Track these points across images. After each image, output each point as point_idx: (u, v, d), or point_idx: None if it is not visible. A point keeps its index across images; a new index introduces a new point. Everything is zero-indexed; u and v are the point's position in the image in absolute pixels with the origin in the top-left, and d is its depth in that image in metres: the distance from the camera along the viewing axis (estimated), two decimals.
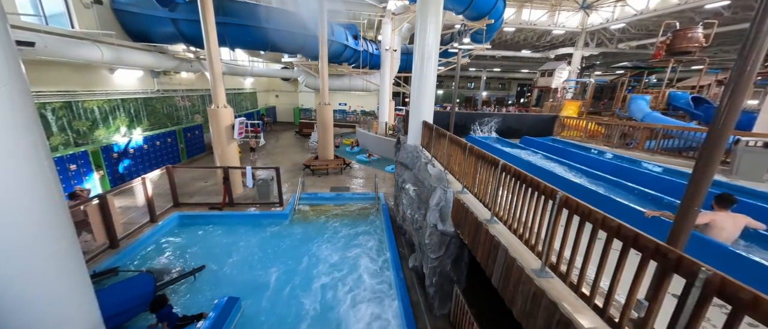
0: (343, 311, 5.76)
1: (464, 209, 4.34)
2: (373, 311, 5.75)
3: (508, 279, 3.09)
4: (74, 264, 2.89)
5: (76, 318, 2.92)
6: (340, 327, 5.38)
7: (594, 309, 2.21)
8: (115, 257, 6.66)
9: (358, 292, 6.27)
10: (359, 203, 10.73)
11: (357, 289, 6.38)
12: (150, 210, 8.18)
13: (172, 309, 4.84)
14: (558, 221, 2.57)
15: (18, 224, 2.42)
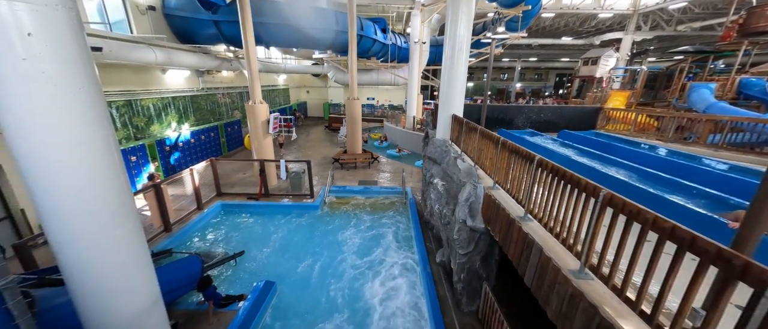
0: (369, 298, 5.92)
1: (495, 205, 4.22)
2: (400, 301, 5.85)
3: (543, 278, 2.97)
4: (138, 244, 3.29)
5: (141, 291, 3.34)
6: (367, 313, 5.55)
7: (640, 315, 2.06)
8: (169, 240, 7.43)
9: (384, 281, 6.40)
10: (387, 196, 10.83)
11: (383, 278, 6.51)
12: (197, 198, 8.97)
13: (216, 289, 5.32)
14: (601, 220, 2.42)
15: (98, 210, 2.80)
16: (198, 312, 5.23)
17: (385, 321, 5.44)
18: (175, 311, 5.16)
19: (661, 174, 5.47)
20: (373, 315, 5.58)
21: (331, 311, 5.67)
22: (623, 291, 2.20)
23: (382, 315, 5.57)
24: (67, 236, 2.75)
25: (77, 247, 2.81)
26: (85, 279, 2.93)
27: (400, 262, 7.12)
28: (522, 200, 3.76)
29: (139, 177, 10.11)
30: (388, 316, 5.54)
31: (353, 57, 12.99)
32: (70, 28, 2.41)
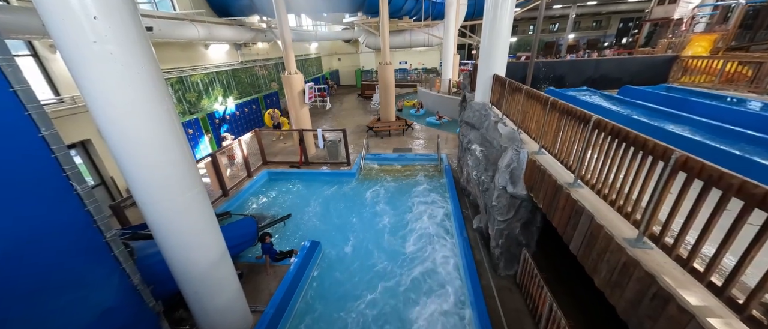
0: (406, 260, 6.23)
1: (541, 171, 3.97)
2: (435, 262, 6.06)
3: (592, 247, 2.82)
4: (205, 205, 3.76)
5: (211, 246, 3.88)
6: (404, 275, 5.87)
7: (708, 286, 1.88)
8: (227, 203, 8.36)
9: (419, 243, 6.63)
10: (422, 163, 10.79)
11: (419, 241, 6.75)
12: (247, 167, 9.81)
13: (272, 245, 5.98)
14: (669, 186, 2.15)
15: (169, 176, 3.21)
16: (257, 264, 5.99)
17: (422, 279, 5.72)
18: (239, 263, 5.95)
19: (753, 133, 4.62)
20: (408, 273, 5.89)
21: (369, 267, 6.10)
22: (690, 261, 2.01)
23: (418, 273, 5.86)
24: (149, 197, 3.22)
25: (158, 208, 3.30)
26: (168, 234, 3.46)
27: (435, 227, 7.26)
28: (572, 165, 3.48)
29: (197, 148, 11.26)
30: (424, 275, 5.81)
31: (385, 16, 12.30)
32: (127, 9, 2.59)
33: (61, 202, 2.66)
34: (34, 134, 2.43)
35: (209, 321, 4.04)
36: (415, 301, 5.28)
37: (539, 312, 4.28)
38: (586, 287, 4.36)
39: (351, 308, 5.22)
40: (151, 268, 3.81)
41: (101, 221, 2.95)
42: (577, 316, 4.19)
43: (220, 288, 4.01)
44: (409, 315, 5.03)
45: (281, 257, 6.00)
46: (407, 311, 5.11)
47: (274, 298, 4.97)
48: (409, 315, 5.04)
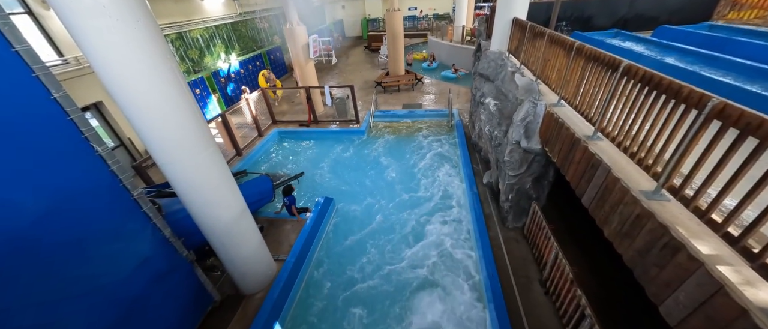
0: (416, 213, 6.46)
1: (558, 124, 3.81)
2: (444, 219, 6.28)
3: (605, 199, 2.80)
4: (221, 164, 3.87)
5: (231, 203, 4.09)
6: (415, 229, 6.14)
7: (724, 236, 1.88)
8: (241, 163, 8.60)
9: (429, 199, 6.81)
10: (432, 119, 10.55)
11: (429, 196, 6.92)
12: (257, 126, 9.86)
13: (294, 199, 6.27)
14: (699, 136, 2.03)
15: (183, 136, 3.25)
16: (276, 219, 6.35)
17: (430, 232, 5.99)
18: (259, 218, 6.32)
19: None
20: (418, 227, 6.15)
21: (381, 221, 6.39)
22: (708, 212, 1.97)
23: (427, 227, 6.11)
24: (167, 158, 3.32)
25: (177, 167, 3.41)
26: (190, 192, 3.64)
27: (445, 183, 7.35)
28: (593, 117, 3.30)
29: (206, 109, 11.26)
30: (433, 227, 6.06)
31: None
32: None
33: (86, 164, 2.77)
34: (45, 97, 2.44)
35: (238, 268, 4.44)
36: (427, 255, 5.59)
37: (544, 260, 4.48)
38: (592, 238, 4.47)
39: (363, 258, 5.60)
40: (179, 223, 4.09)
41: (126, 180, 3.10)
42: (581, 264, 4.37)
43: (244, 240, 4.32)
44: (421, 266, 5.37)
45: (299, 211, 6.32)
46: (418, 262, 5.45)
47: (294, 248, 5.36)
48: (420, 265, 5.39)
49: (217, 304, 4.54)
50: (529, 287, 4.54)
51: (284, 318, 4.53)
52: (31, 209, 2.39)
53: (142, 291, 3.36)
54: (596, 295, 3.70)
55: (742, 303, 1.58)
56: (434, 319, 4.46)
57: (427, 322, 4.44)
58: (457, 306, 4.57)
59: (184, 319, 4.05)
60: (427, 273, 5.19)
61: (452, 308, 4.56)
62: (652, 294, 2.23)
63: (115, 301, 3.10)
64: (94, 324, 2.92)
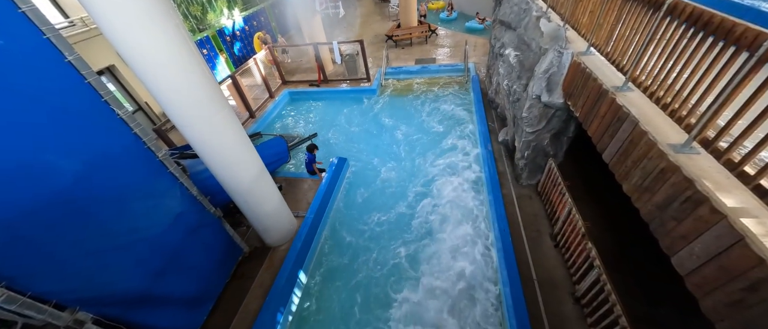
0: (429, 171, 6.52)
1: (584, 75, 3.54)
2: (458, 174, 6.31)
3: (628, 154, 2.70)
4: (236, 126, 3.93)
5: (249, 163, 4.24)
6: (427, 186, 6.24)
7: (755, 189, 1.81)
8: (255, 125, 8.70)
9: (442, 157, 6.80)
10: (447, 75, 10.06)
11: (442, 154, 6.90)
12: (267, 87, 9.74)
13: (314, 157, 6.42)
14: (745, 82, 1.84)
15: (197, 99, 3.27)
16: (294, 179, 6.59)
17: (443, 188, 6.08)
18: (277, 178, 6.58)
19: None
20: (431, 185, 6.25)
21: (394, 179, 6.51)
22: (741, 164, 1.88)
23: (440, 184, 6.20)
24: (184, 120, 3.39)
25: (195, 129, 3.50)
26: (210, 153, 3.78)
27: (459, 141, 7.25)
28: (625, 65, 3.03)
29: (214, 70, 11.11)
30: (446, 185, 6.14)
31: None
32: None
33: (110, 127, 2.87)
34: (60, 59, 2.45)
35: (261, 223, 4.76)
36: (438, 210, 5.75)
37: (557, 216, 4.53)
38: (607, 194, 4.42)
39: (376, 213, 5.84)
40: (204, 183, 4.32)
41: (150, 142, 3.23)
42: (593, 219, 4.40)
43: (264, 197, 4.56)
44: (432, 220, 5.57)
45: (316, 170, 6.53)
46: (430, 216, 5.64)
47: (312, 205, 5.64)
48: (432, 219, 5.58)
49: (246, 255, 4.98)
50: (539, 240, 4.67)
51: (307, 267, 4.95)
52: (68, 170, 2.57)
53: (179, 243, 3.70)
54: (606, 248, 3.77)
55: (762, 253, 1.57)
56: (446, 264, 4.75)
57: (439, 266, 4.74)
58: (468, 256, 4.81)
59: (220, 267, 4.50)
60: (438, 226, 5.39)
61: (462, 255, 4.81)
62: (666, 246, 2.25)
63: (159, 251, 3.46)
64: (144, 269, 3.31)
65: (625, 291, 3.25)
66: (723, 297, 1.79)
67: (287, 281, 4.49)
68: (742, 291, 1.68)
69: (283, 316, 4.26)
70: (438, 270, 4.74)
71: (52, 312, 2.47)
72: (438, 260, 4.89)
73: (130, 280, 3.20)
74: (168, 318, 3.62)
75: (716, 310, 1.83)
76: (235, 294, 4.52)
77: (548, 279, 4.16)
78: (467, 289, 4.42)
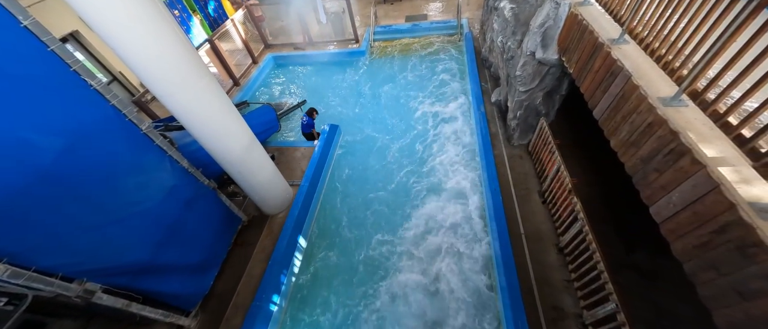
0: (422, 135, 6.52)
1: (581, 27, 3.41)
2: (450, 136, 6.34)
3: (618, 110, 2.72)
4: (220, 94, 3.75)
5: (238, 133, 4.13)
6: (420, 150, 6.28)
7: (735, 138, 1.87)
8: (241, 93, 8.34)
9: (435, 119, 6.77)
10: (439, 33, 9.59)
11: (435, 116, 6.85)
12: (249, 52, 9.17)
13: (313, 123, 6.38)
14: (742, 29, 1.81)
15: (175, 65, 3.06)
16: (286, 148, 6.52)
17: (436, 150, 6.14)
18: (269, 147, 6.50)
19: None
20: (424, 148, 6.28)
21: (386, 144, 6.52)
22: (726, 115, 1.92)
23: (434, 147, 6.24)
24: (164, 90, 3.21)
25: (177, 99, 3.34)
26: (195, 124, 3.65)
27: (451, 103, 7.15)
28: (623, 16, 2.92)
29: (189, 34, 10.31)
30: (439, 147, 6.19)
31: None
32: None
33: (85, 100, 2.71)
34: (14, 24, 2.22)
35: (257, 193, 4.80)
36: (431, 172, 5.85)
37: (546, 174, 4.68)
38: (594, 151, 4.54)
39: (369, 178, 5.92)
40: (194, 154, 4.24)
41: (131, 114, 3.09)
42: (580, 176, 4.56)
43: (258, 168, 4.54)
44: (425, 181, 5.69)
45: (311, 137, 6.46)
46: (423, 179, 5.76)
47: (306, 174, 5.67)
48: (425, 181, 5.70)
49: (245, 224, 5.09)
50: (528, 198, 4.87)
51: (306, 232, 5.12)
52: (47, 147, 2.47)
53: (177, 214, 3.74)
54: (590, 202, 3.97)
55: (732, 198, 1.68)
56: (437, 222, 4.98)
57: (432, 224, 4.97)
58: (459, 216, 5.02)
59: (221, 236, 4.62)
60: (431, 186, 5.54)
61: (454, 215, 5.02)
62: (646, 197, 2.38)
63: (157, 223, 3.49)
64: (145, 241, 3.37)
65: (605, 241, 3.49)
66: (693, 240, 1.94)
67: (288, 246, 4.67)
68: (710, 234, 1.82)
69: (287, 278, 4.50)
70: (433, 227, 4.97)
71: (59, 284, 2.55)
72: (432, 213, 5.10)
73: (132, 252, 3.27)
74: (176, 285, 3.79)
75: (685, 252, 2.00)
76: (239, 260, 4.71)
77: (535, 233, 4.42)
78: (459, 243, 4.68)
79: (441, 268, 4.47)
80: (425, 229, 5.00)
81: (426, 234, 4.93)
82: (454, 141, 6.29)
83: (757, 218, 1.59)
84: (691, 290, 1.99)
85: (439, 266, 4.51)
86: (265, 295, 4.18)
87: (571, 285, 3.80)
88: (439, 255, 4.63)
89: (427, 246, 4.76)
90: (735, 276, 1.69)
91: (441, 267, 4.48)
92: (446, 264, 4.51)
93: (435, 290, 4.32)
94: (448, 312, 4.09)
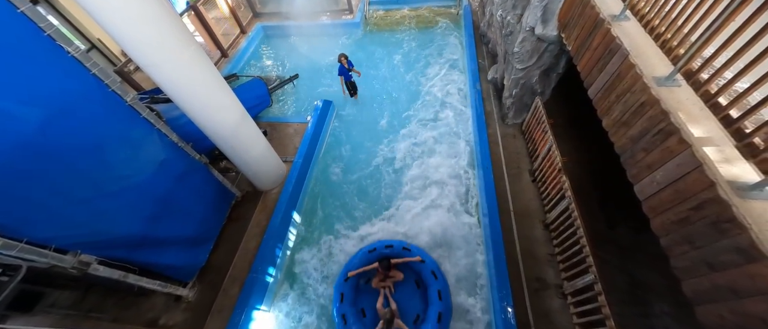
0: (417, 113, 6.47)
1: (583, 2, 3.32)
2: (445, 118, 6.30)
3: (613, 89, 2.73)
4: (208, 65, 3.57)
5: (228, 106, 4.00)
6: (414, 128, 6.25)
7: (722, 119, 1.92)
8: (230, 65, 8.00)
9: (430, 95, 6.69)
10: (437, 5, 9.19)
11: (429, 93, 6.77)
12: (237, 21, 8.68)
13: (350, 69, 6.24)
14: (740, 9, 1.79)
15: (158, 34, 2.88)
16: (278, 123, 6.40)
17: (429, 128, 6.12)
18: (260, 123, 6.35)
19: None
20: (418, 126, 6.25)
21: (381, 123, 6.45)
22: (716, 95, 1.95)
23: (428, 125, 6.21)
24: (147, 59, 3.05)
25: (162, 69, 3.18)
26: (183, 97, 3.52)
27: (447, 79, 7.03)
28: None
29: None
30: (434, 125, 6.17)
31: None
32: None
33: (62, 67, 2.57)
34: None
35: (250, 168, 4.77)
36: (425, 151, 5.86)
37: (538, 153, 4.75)
38: (586, 131, 4.59)
39: (362, 157, 5.92)
40: (183, 128, 4.12)
41: (114, 85, 2.95)
42: (570, 155, 4.65)
43: (250, 143, 4.47)
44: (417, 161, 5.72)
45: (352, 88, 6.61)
46: (417, 157, 5.78)
47: (300, 150, 5.62)
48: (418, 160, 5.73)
49: (239, 199, 5.10)
50: (519, 176, 4.97)
51: (300, 208, 5.18)
52: (25, 117, 2.36)
53: (169, 188, 3.71)
54: (578, 181, 4.08)
55: (713, 177, 1.74)
56: (430, 201, 5.07)
57: (422, 206, 5.06)
58: (452, 197, 5.12)
59: (215, 210, 4.63)
60: (424, 170, 5.57)
61: (446, 196, 5.12)
62: (632, 175, 2.45)
63: (150, 197, 3.47)
64: (139, 215, 3.37)
65: (590, 217, 3.64)
66: (672, 216, 2.04)
67: (282, 220, 4.73)
68: (688, 211, 1.91)
69: (281, 251, 4.60)
70: (424, 205, 5.06)
71: (54, 256, 2.56)
72: (421, 194, 5.18)
73: (126, 225, 3.27)
74: (172, 257, 3.84)
75: (664, 227, 2.11)
76: (234, 234, 4.77)
77: (523, 210, 4.57)
78: (450, 218, 4.81)
79: (433, 236, 4.59)
80: (412, 194, 5.07)
81: (413, 199, 5.02)
82: (449, 118, 6.25)
83: (733, 196, 1.66)
84: (664, 262, 2.12)
85: (427, 237, 4.63)
86: (261, 267, 4.29)
87: (554, 258, 4.00)
88: (428, 229, 4.72)
89: (416, 215, 4.87)
90: (707, 249, 1.80)
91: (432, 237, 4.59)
92: (435, 233, 4.61)
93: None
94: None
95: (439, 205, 4.99)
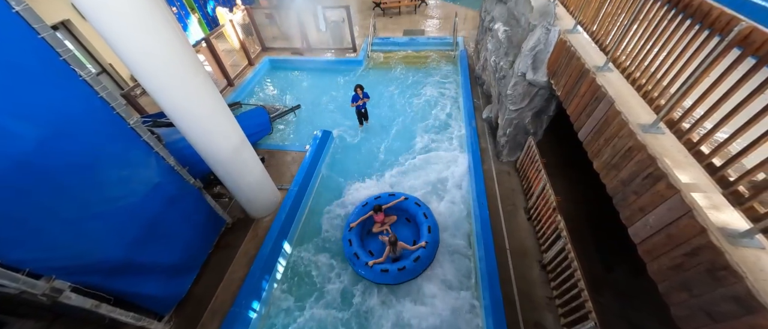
0: (414, 147, 6.59)
1: (569, 54, 3.59)
2: (440, 153, 6.43)
3: (601, 133, 2.85)
4: (214, 93, 3.72)
5: (229, 132, 4.08)
6: (411, 163, 6.33)
7: (706, 166, 1.99)
8: (234, 94, 8.27)
9: (428, 132, 6.86)
10: (435, 48, 9.84)
11: (427, 130, 6.95)
12: (246, 53, 9.16)
13: (363, 98, 6.48)
14: (714, 65, 1.95)
15: (169, 59, 3.04)
16: (277, 151, 6.45)
17: (427, 164, 6.19)
18: (259, 149, 6.41)
19: None
20: (415, 161, 6.34)
21: (378, 155, 6.54)
22: (699, 144, 2.05)
23: (424, 160, 6.30)
24: (156, 85, 3.17)
25: (169, 94, 3.29)
26: (186, 121, 3.59)
27: (444, 118, 7.29)
28: (608, 45, 3.10)
29: (186, 31, 10.24)
30: (430, 160, 6.25)
31: None
32: None
33: (72, 90, 2.65)
34: (5, 8, 2.17)
35: (244, 194, 4.71)
36: (421, 184, 5.88)
37: (532, 191, 4.79)
38: (578, 172, 4.70)
39: (360, 188, 5.90)
40: (181, 152, 4.15)
41: (119, 108, 3.02)
42: (565, 195, 4.70)
43: (247, 169, 4.47)
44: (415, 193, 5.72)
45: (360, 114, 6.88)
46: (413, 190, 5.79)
47: (296, 178, 5.61)
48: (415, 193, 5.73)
49: (229, 226, 4.97)
50: (514, 213, 4.96)
51: (291, 238, 5.03)
52: (28, 135, 2.38)
53: (158, 213, 3.62)
54: (573, 221, 4.08)
55: (703, 223, 1.77)
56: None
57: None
58: (449, 228, 5.04)
59: (202, 237, 4.48)
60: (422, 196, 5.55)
61: (444, 228, 5.04)
62: (626, 217, 2.47)
63: (137, 220, 3.37)
64: (123, 239, 3.24)
65: (586, 259, 3.58)
66: (667, 261, 2.02)
67: (272, 250, 4.56)
68: (683, 256, 1.90)
69: (268, 284, 4.38)
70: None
71: (26, 281, 2.40)
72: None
73: (108, 249, 3.13)
74: (150, 286, 3.63)
75: (660, 272, 2.08)
76: (220, 263, 4.57)
77: (519, 248, 4.48)
78: (446, 254, 4.69)
79: (429, 275, 4.45)
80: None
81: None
82: (445, 154, 6.36)
83: (725, 243, 1.68)
84: (664, 310, 2.06)
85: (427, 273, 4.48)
86: (245, 301, 4.05)
87: (553, 302, 3.85)
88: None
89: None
90: (705, 298, 1.76)
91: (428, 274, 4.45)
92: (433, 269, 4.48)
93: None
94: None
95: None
